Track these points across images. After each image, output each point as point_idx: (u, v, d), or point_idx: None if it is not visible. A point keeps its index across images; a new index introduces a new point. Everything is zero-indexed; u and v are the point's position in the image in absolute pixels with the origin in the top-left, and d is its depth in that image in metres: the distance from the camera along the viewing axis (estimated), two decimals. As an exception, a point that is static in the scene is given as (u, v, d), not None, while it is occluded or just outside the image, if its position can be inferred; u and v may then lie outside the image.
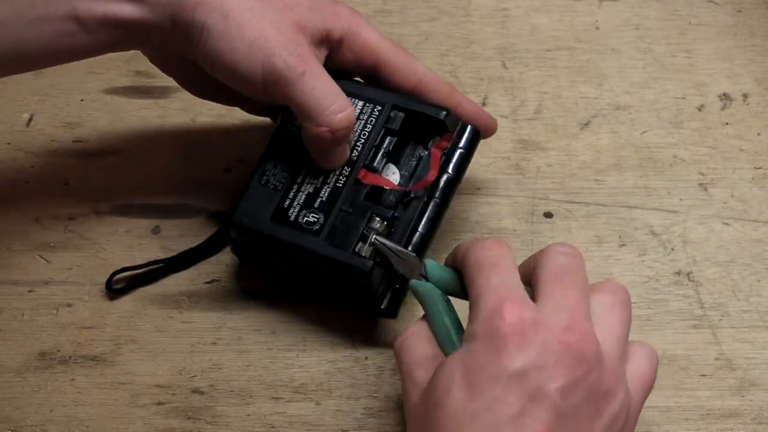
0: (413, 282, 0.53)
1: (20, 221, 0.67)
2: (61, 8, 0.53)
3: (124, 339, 0.62)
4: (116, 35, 0.55)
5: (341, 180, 0.58)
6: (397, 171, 0.58)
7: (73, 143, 0.71)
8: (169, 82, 0.64)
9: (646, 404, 0.57)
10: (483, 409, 0.44)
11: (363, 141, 0.58)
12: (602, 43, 0.75)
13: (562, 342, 0.45)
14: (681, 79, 0.73)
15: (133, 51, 0.76)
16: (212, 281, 0.64)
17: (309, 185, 0.58)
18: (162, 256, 0.64)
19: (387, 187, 0.57)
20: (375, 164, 0.58)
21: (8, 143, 0.71)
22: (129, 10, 0.54)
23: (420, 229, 0.57)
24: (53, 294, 0.63)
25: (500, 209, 0.66)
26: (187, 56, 0.57)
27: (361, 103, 0.59)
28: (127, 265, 0.63)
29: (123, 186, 0.68)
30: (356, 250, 0.55)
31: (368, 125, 0.59)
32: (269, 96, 0.56)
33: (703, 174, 0.68)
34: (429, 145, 0.59)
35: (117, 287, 0.63)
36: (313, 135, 0.55)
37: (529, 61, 0.75)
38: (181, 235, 0.66)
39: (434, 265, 0.53)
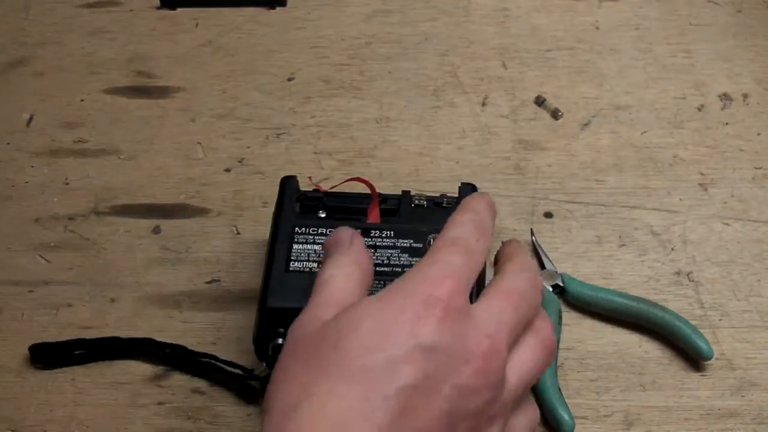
0: (543, 287, 0.60)
1: (20, 221, 0.67)
2: None
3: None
4: None
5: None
6: None
7: (73, 143, 0.71)
8: (169, 82, 0.64)
9: (645, 404, 0.58)
10: (379, 365, 0.41)
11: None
12: (602, 43, 0.75)
13: (478, 347, 0.42)
14: (681, 79, 0.73)
15: (133, 51, 0.76)
16: (212, 281, 0.64)
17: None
18: (162, 256, 0.65)
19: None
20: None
21: (8, 143, 0.71)
22: None
23: None
24: (53, 294, 0.63)
25: (500, 209, 0.66)
26: None
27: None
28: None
29: (123, 186, 0.68)
30: None
31: None
32: None
33: (703, 174, 0.68)
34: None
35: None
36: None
37: (529, 61, 0.75)
38: (181, 235, 0.66)
39: (569, 277, 0.62)
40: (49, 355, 0.61)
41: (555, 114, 0.62)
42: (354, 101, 0.73)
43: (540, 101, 0.64)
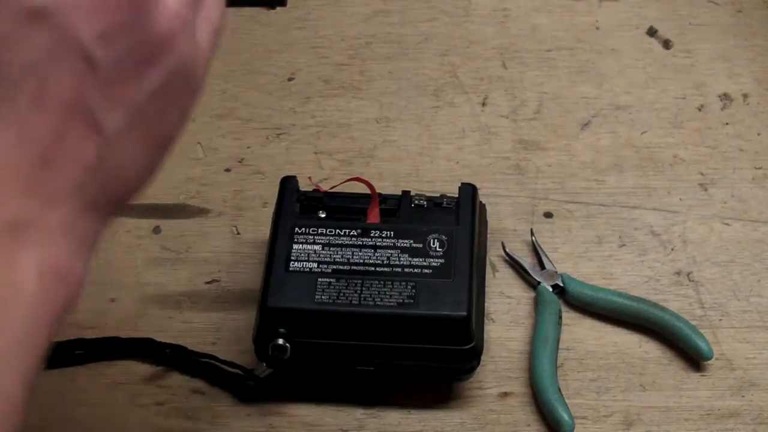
0: (543, 287, 0.61)
1: (20, 221, 0.67)
2: None
3: (124, 339, 0.62)
4: None
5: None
6: None
7: (73, 143, 0.71)
8: (169, 82, 0.63)
9: (645, 404, 0.58)
10: None
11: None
12: (602, 43, 0.75)
13: None
14: (681, 79, 0.73)
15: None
16: (212, 281, 0.64)
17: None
18: (162, 256, 0.65)
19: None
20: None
21: (8, 143, 0.71)
22: None
23: None
24: (53, 294, 0.63)
25: (500, 209, 0.66)
26: None
27: None
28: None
29: (123, 186, 0.68)
30: None
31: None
32: None
33: (703, 174, 0.68)
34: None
35: None
36: None
37: (529, 61, 0.75)
38: (181, 235, 0.66)
39: (569, 277, 0.62)
40: (49, 355, 0.60)
41: (666, 44, 0.63)
42: (354, 101, 0.73)
43: (652, 31, 0.65)
